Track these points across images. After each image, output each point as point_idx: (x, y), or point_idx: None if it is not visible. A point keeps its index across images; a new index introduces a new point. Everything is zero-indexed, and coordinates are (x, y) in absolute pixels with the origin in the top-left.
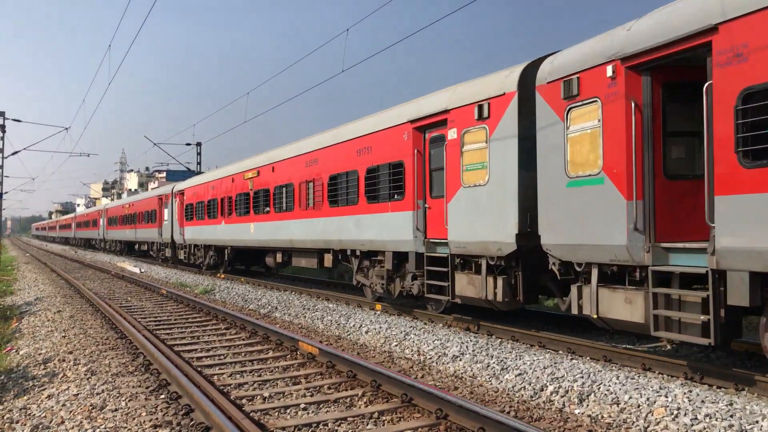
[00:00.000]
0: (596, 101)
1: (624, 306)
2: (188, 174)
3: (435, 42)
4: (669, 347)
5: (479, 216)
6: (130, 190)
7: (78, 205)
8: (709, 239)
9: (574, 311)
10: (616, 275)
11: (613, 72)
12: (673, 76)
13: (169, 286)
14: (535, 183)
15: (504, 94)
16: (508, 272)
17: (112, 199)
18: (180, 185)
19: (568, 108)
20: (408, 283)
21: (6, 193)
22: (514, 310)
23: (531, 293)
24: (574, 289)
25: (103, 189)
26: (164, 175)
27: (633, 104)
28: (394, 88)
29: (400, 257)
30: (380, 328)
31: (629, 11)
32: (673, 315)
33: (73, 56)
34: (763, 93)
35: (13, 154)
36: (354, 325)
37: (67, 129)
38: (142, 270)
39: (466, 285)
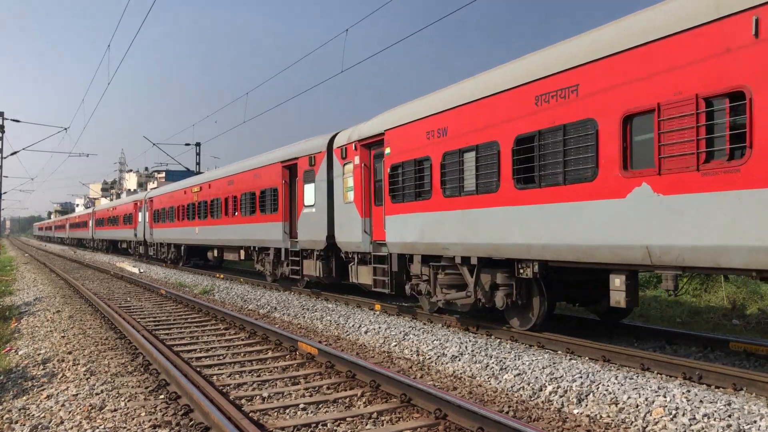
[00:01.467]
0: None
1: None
2: (187, 174)
3: (435, 42)
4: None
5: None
6: (129, 190)
7: (77, 205)
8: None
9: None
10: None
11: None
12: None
13: (168, 286)
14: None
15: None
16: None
17: (111, 199)
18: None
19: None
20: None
21: (5, 193)
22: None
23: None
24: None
25: (103, 189)
26: (163, 175)
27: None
28: (394, 87)
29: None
30: (379, 328)
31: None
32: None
33: (72, 56)
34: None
35: (12, 154)
36: (353, 325)
37: (66, 129)
38: (141, 270)
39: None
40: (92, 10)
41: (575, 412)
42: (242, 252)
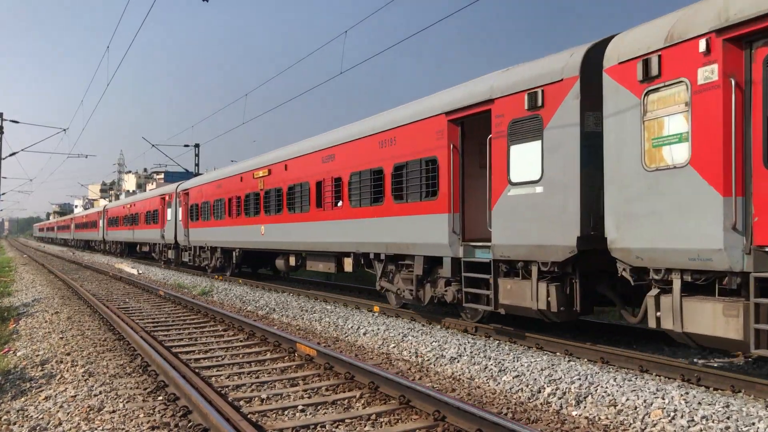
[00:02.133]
0: (180, 200)
1: (185, 255)
2: (186, 175)
3: (434, 42)
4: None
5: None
6: (128, 191)
7: (76, 206)
8: None
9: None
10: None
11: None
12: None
13: (167, 287)
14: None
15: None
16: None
17: (110, 200)
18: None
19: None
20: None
21: (4, 194)
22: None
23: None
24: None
25: (101, 190)
26: (162, 176)
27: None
28: (393, 89)
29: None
30: (378, 329)
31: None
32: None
33: (72, 57)
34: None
35: (11, 155)
36: (352, 327)
37: (65, 130)
38: (140, 271)
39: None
40: (92, 10)
41: (574, 413)
42: (347, 261)
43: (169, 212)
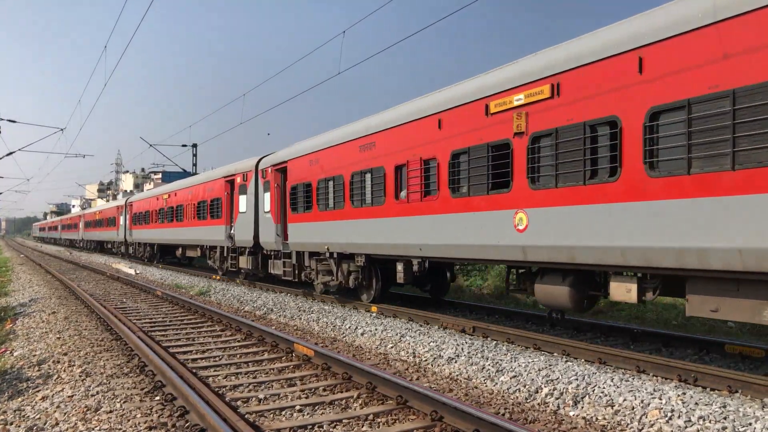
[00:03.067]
0: (269, 180)
1: (279, 267)
2: (184, 175)
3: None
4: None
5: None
6: (125, 191)
7: (73, 206)
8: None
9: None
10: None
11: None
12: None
13: (165, 287)
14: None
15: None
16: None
17: (108, 200)
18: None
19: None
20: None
21: (1, 194)
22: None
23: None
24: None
25: (99, 190)
26: (160, 176)
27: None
28: (391, 89)
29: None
30: (376, 330)
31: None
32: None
33: (69, 57)
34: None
35: (8, 154)
36: (350, 327)
37: (62, 130)
38: (138, 271)
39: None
40: (90, 10)
41: (571, 414)
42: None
43: (243, 201)
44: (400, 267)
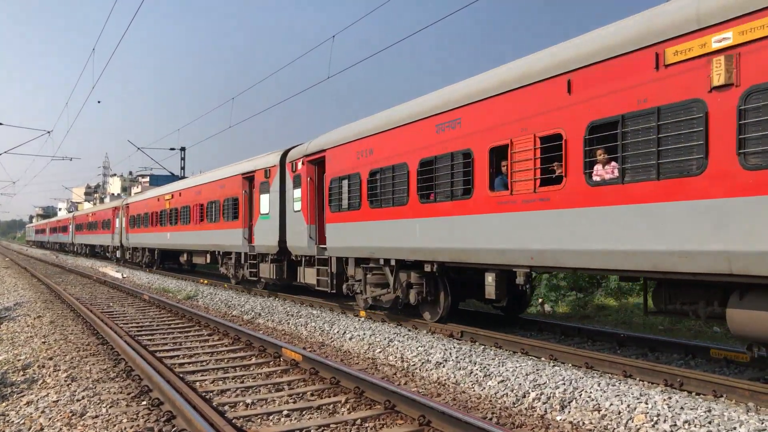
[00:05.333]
0: (299, 175)
1: (311, 275)
2: (172, 178)
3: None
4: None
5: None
6: (113, 194)
7: (60, 209)
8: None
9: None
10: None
11: (302, 162)
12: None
13: (152, 291)
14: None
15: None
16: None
17: (95, 203)
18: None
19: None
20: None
21: None
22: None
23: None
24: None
25: (86, 193)
26: (148, 179)
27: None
28: (379, 93)
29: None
30: (364, 334)
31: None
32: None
33: (57, 59)
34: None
35: None
36: (338, 332)
37: (49, 132)
38: (125, 275)
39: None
40: (78, 12)
41: (558, 418)
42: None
43: (266, 200)
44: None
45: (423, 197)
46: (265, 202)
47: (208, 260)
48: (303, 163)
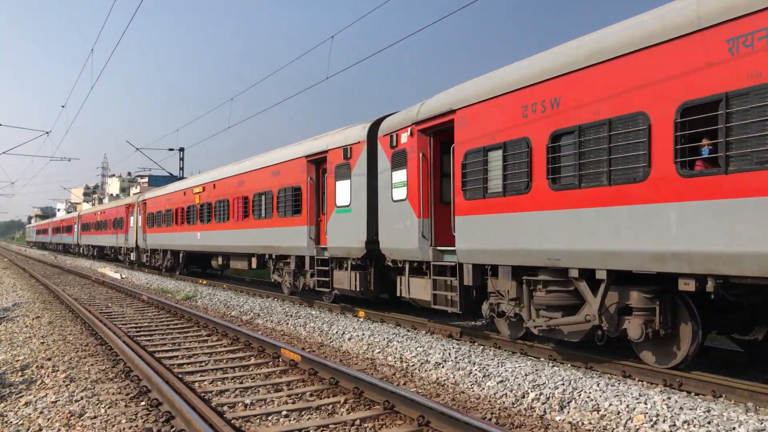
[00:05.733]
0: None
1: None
2: (170, 179)
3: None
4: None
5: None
6: (112, 195)
7: (58, 209)
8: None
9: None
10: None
11: (411, 133)
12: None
13: (151, 291)
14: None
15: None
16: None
17: (93, 204)
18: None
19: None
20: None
21: None
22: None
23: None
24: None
25: (85, 194)
26: (146, 180)
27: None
28: (378, 93)
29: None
30: (363, 335)
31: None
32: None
33: (55, 59)
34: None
35: None
36: (337, 332)
37: (47, 133)
38: (123, 276)
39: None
40: (76, 13)
41: (557, 418)
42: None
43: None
44: None
45: (687, 166)
46: (344, 191)
47: (254, 265)
48: (412, 134)
